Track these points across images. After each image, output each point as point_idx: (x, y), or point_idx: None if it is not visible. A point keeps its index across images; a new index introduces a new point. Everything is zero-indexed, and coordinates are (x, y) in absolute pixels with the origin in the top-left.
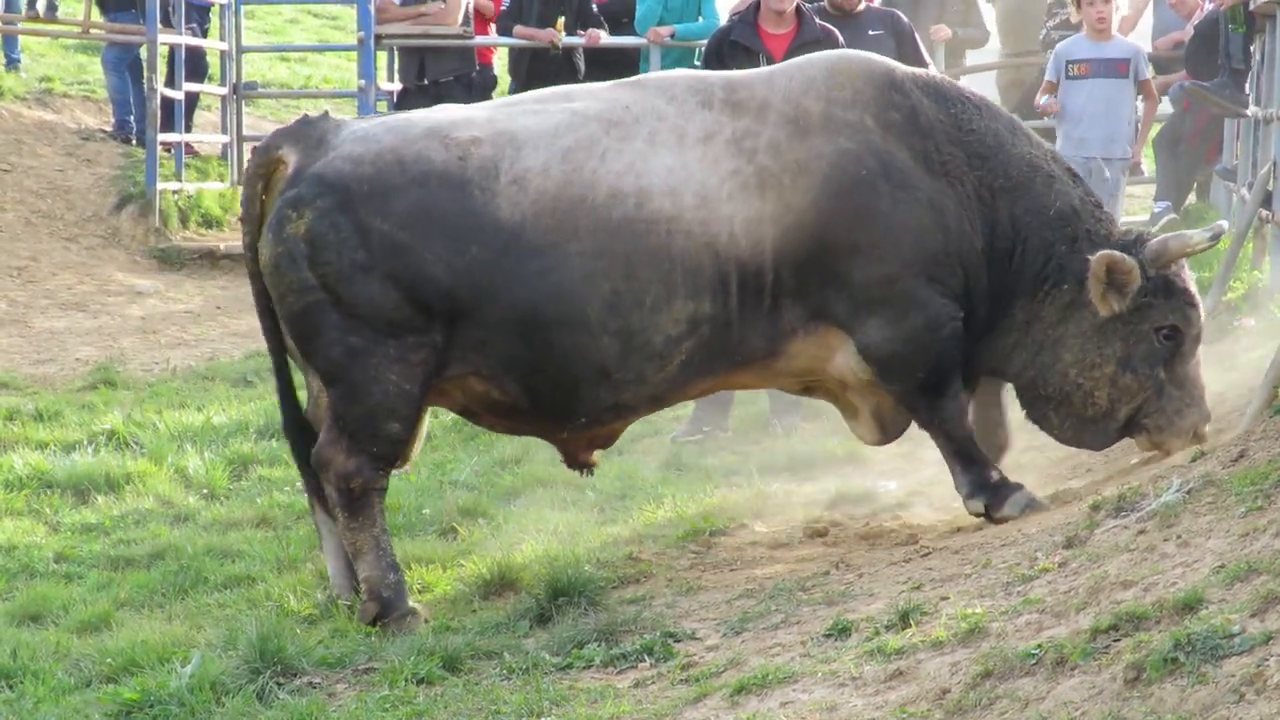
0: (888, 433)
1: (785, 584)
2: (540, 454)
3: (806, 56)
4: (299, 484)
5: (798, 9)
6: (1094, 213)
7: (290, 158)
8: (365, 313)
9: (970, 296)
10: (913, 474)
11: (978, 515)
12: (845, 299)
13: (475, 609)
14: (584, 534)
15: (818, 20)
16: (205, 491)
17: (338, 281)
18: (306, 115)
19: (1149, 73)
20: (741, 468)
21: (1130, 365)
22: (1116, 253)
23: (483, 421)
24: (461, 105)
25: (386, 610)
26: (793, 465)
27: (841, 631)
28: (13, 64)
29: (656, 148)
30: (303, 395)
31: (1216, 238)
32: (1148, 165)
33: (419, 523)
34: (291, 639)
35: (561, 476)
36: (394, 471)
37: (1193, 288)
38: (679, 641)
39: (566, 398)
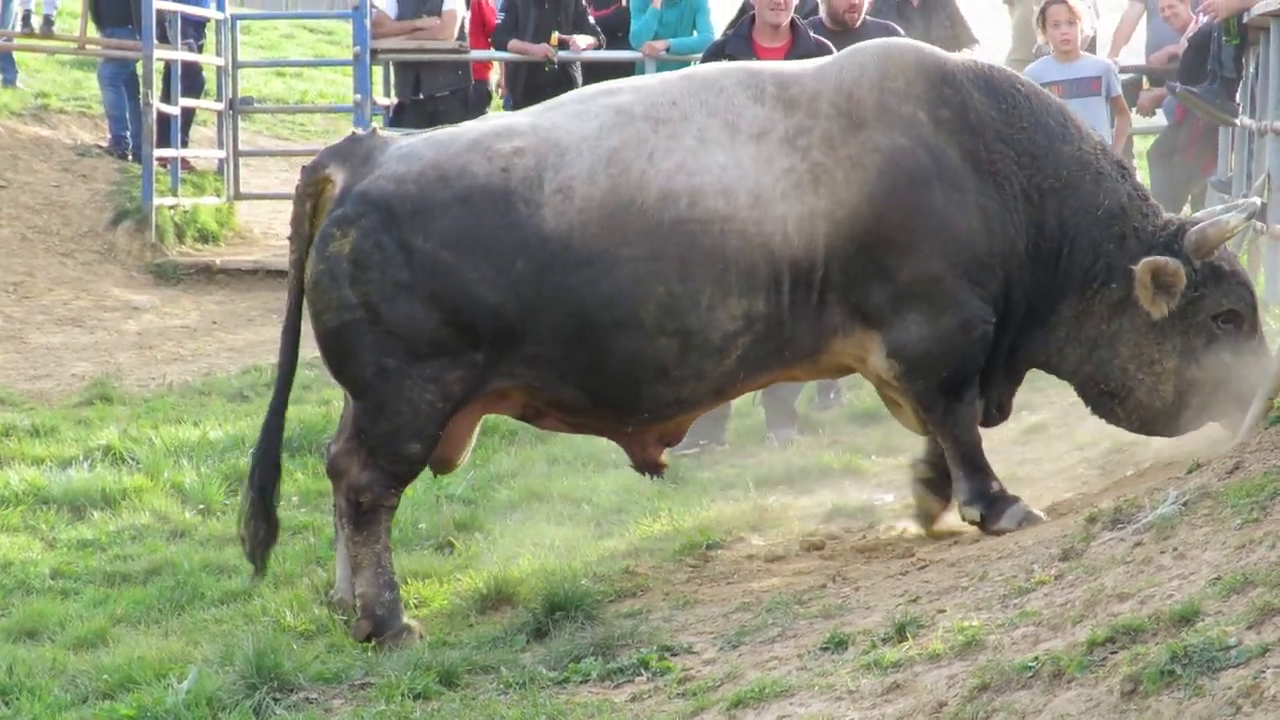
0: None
1: (782, 597)
2: (537, 468)
3: (856, 45)
4: (294, 499)
5: (792, 23)
6: (1141, 208)
7: (338, 176)
8: (404, 333)
9: (1009, 297)
10: (910, 487)
11: (972, 523)
12: (888, 292)
13: (472, 623)
14: (580, 548)
15: (812, 34)
16: (201, 507)
17: (380, 301)
18: (355, 133)
19: (1118, 88)
20: (738, 481)
21: (1194, 357)
22: (1160, 258)
23: (546, 423)
24: (504, 114)
25: (379, 628)
26: (789, 478)
27: (838, 645)
28: (9, 80)
29: (708, 145)
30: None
31: (1251, 215)
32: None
33: (415, 537)
34: (288, 654)
35: (558, 490)
36: (444, 476)
37: (1239, 266)
38: (676, 655)
39: (628, 396)
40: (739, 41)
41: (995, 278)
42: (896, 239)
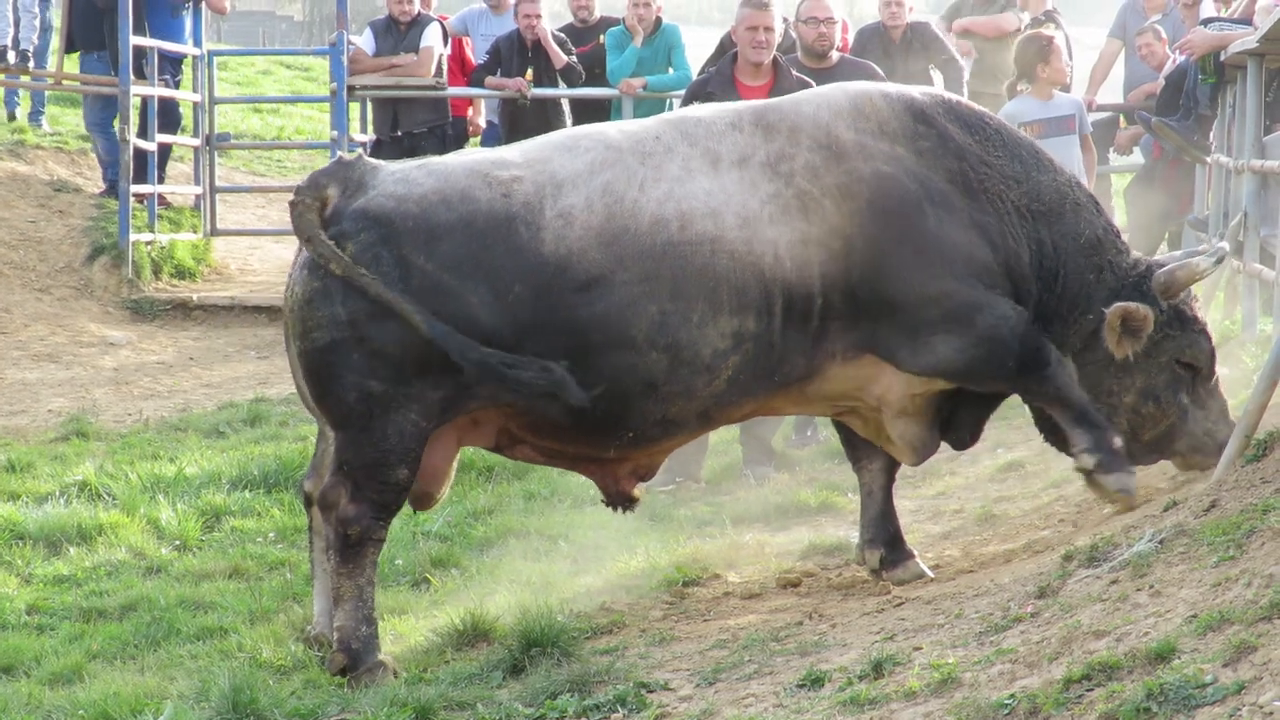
0: (920, 454)
1: (758, 634)
2: (513, 505)
3: (826, 86)
4: (271, 535)
5: (774, 61)
6: (1115, 243)
7: (334, 195)
8: (393, 352)
9: (1023, 304)
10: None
11: (1082, 471)
12: (903, 326)
13: (448, 659)
14: (557, 585)
15: (794, 72)
16: (178, 543)
17: (369, 319)
18: (343, 157)
19: (1088, 127)
20: (715, 518)
21: (1152, 395)
22: (1132, 304)
23: (519, 452)
24: (491, 148)
25: (354, 662)
26: (766, 516)
27: (815, 682)
28: (11, 110)
29: (692, 173)
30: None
31: (1221, 260)
32: None
33: (392, 573)
34: (264, 690)
35: (534, 527)
36: (423, 513)
37: (1200, 313)
38: (652, 692)
39: (615, 413)
40: (721, 80)
41: (1006, 285)
42: (894, 264)
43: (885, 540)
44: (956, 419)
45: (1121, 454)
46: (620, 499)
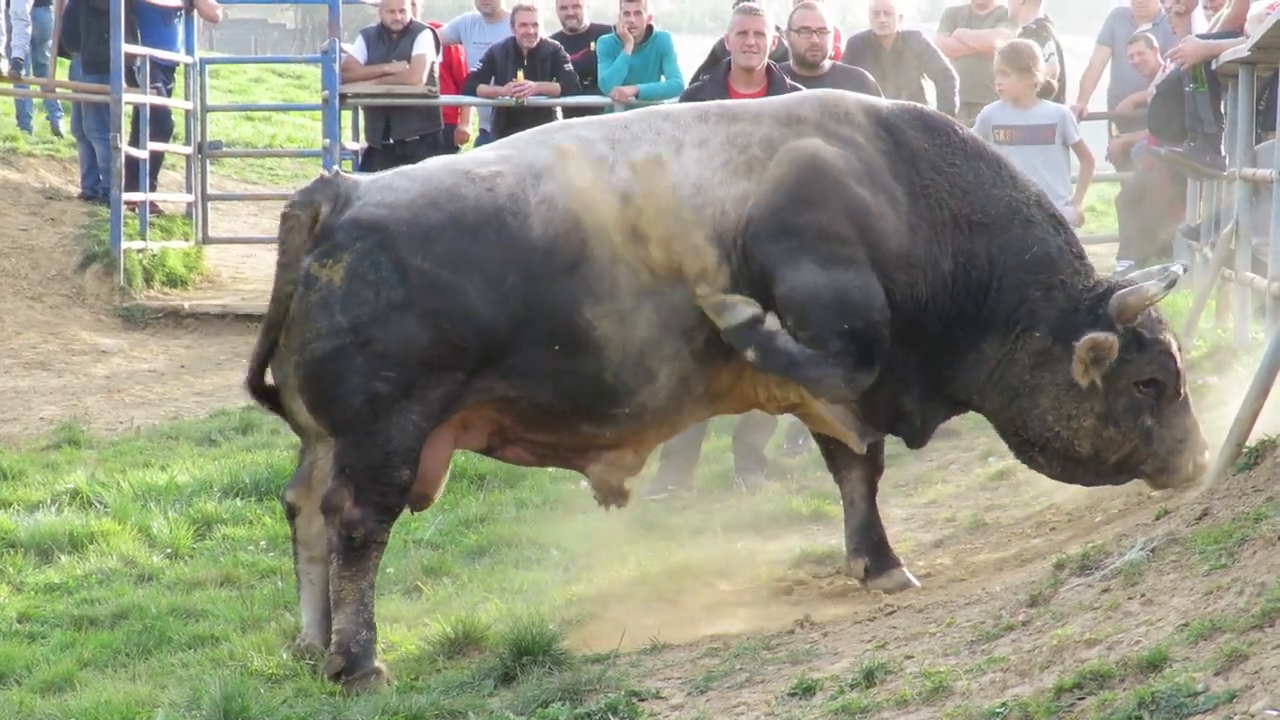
0: (866, 431)
1: (750, 643)
2: (505, 513)
3: (798, 93)
4: (263, 543)
5: (768, 68)
6: (1072, 263)
7: (324, 210)
8: (397, 352)
9: (922, 309)
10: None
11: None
12: (788, 244)
13: (440, 668)
14: (548, 593)
15: (787, 80)
16: (169, 551)
17: (372, 322)
18: (324, 175)
19: (1077, 135)
20: (706, 526)
21: (1112, 419)
22: (1100, 334)
23: (511, 452)
24: (471, 152)
25: (352, 666)
26: (757, 524)
27: (806, 690)
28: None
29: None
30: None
31: (1172, 284)
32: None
33: (383, 582)
34: (255, 699)
35: (526, 535)
36: (415, 518)
37: (1162, 334)
38: (643, 700)
39: (604, 390)
40: (714, 87)
41: (909, 283)
42: (811, 199)
43: (869, 549)
44: (903, 408)
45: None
46: (612, 493)
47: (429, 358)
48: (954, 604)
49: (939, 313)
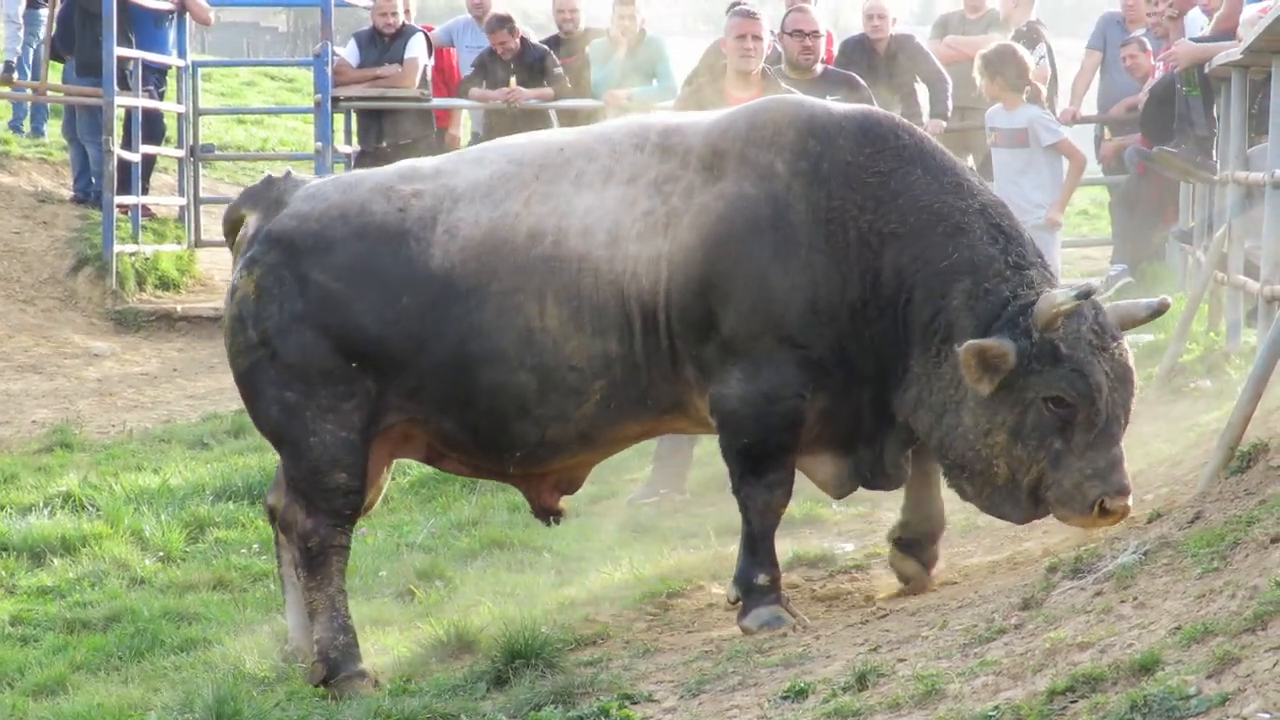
0: (836, 490)
1: (742, 646)
2: (497, 516)
3: (745, 103)
4: (255, 546)
5: (763, 71)
6: (1002, 272)
7: (251, 219)
8: (297, 363)
9: (844, 345)
10: (870, 536)
11: (729, 601)
12: (717, 344)
13: (432, 671)
14: (541, 596)
15: (783, 83)
16: (161, 554)
17: (275, 334)
18: (269, 176)
19: (1053, 137)
20: (699, 530)
21: (1020, 435)
22: (986, 341)
23: (448, 465)
24: (416, 160)
25: (333, 672)
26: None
27: (799, 693)
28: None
29: (581, 189)
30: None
31: (1085, 295)
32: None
33: (376, 585)
34: (248, 702)
35: (518, 538)
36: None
37: (1084, 355)
38: (636, 703)
39: (498, 432)
40: (712, 89)
41: (821, 335)
42: (722, 287)
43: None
44: (876, 461)
45: (761, 589)
46: (544, 512)
47: (327, 369)
48: (946, 607)
49: (862, 346)
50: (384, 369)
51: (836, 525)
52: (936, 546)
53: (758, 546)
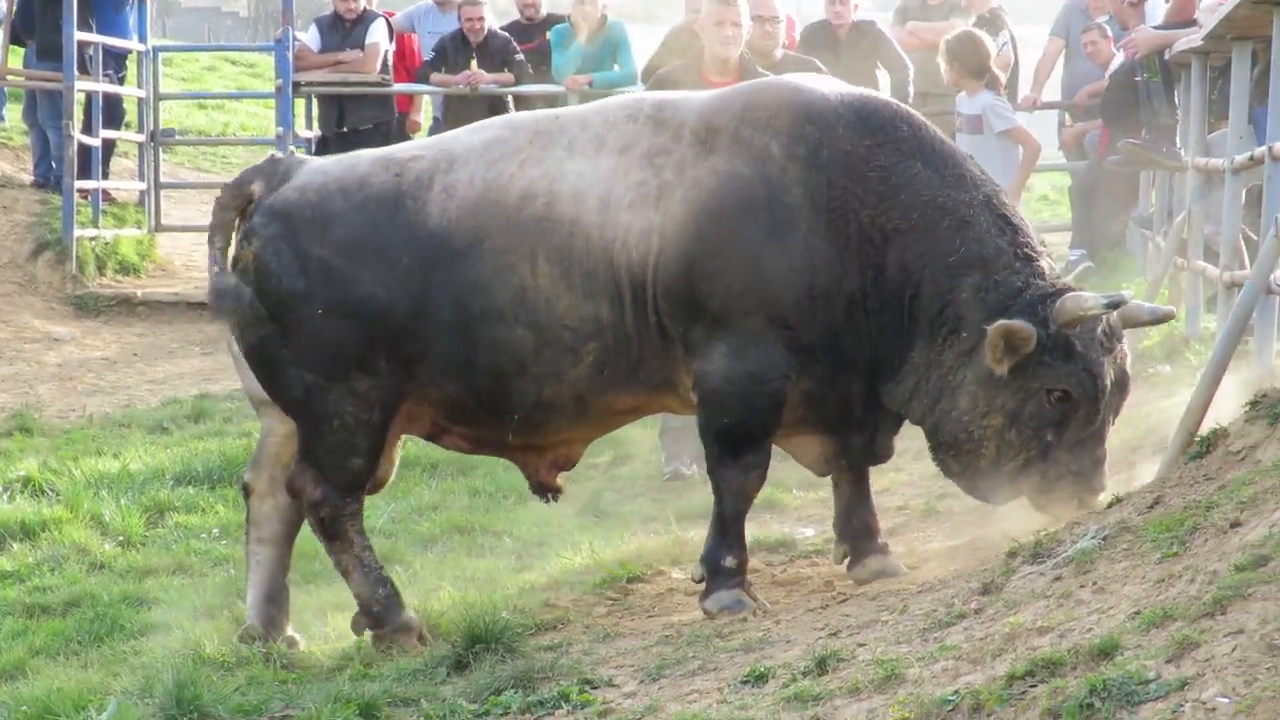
0: (820, 468)
1: (702, 630)
2: (458, 501)
3: (738, 84)
4: (215, 531)
5: (741, 57)
6: (1011, 264)
7: (259, 191)
8: (310, 344)
9: (837, 334)
10: (830, 521)
11: (692, 580)
12: (705, 323)
13: (392, 656)
14: (501, 581)
15: (758, 68)
16: (121, 539)
17: (283, 313)
18: (274, 155)
19: (1005, 124)
20: (659, 514)
21: (1017, 421)
22: (1015, 322)
23: (449, 443)
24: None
25: (378, 624)
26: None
27: (759, 678)
28: None
29: (574, 155)
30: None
31: (1114, 306)
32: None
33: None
34: (208, 686)
35: (479, 523)
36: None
37: (1097, 356)
38: (596, 688)
39: (498, 392)
40: (686, 74)
41: (814, 321)
42: (712, 265)
43: (850, 536)
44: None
45: (727, 572)
46: (543, 489)
47: (342, 350)
48: (906, 592)
49: (859, 337)
50: (394, 339)
51: (797, 510)
52: (873, 532)
53: (728, 528)
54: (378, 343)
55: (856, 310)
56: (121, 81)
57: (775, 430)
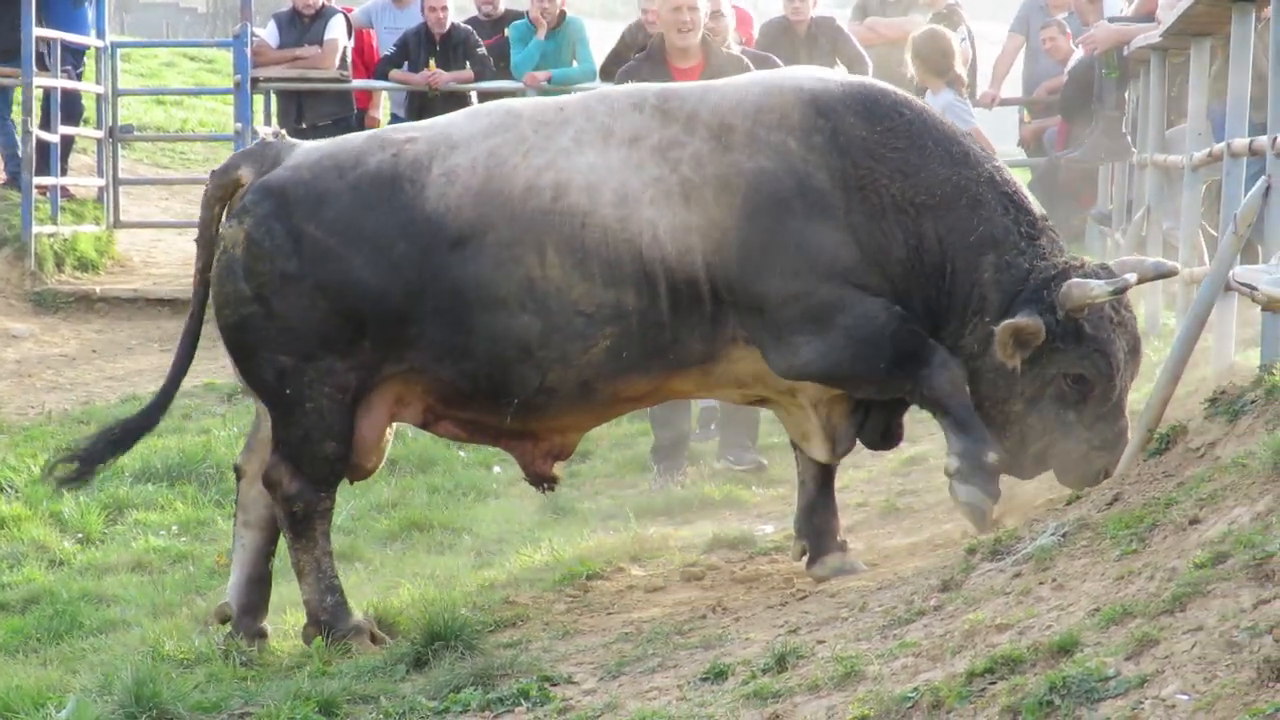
0: (839, 447)
1: (662, 628)
2: (417, 498)
3: (742, 76)
4: (174, 528)
5: (704, 40)
6: (1018, 244)
7: (247, 177)
8: (295, 325)
9: (901, 300)
10: (790, 518)
11: (947, 474)
12: (769, 325)
13: (352, 653)
14: (460, 578)
15: (725, 51)
16: (80, 536)
17: (271, 293)
18: (265, 139)
19: (964, 125)
20: (618, 512)
21: (1038, 407)
22: (1023, 321)
23: (443, 430)
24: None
25: (326, 633)
26: (669, 509)
27: (718, 675)
28: None
29: (581, 146)
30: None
31: (1119, 293)
32: None
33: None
34: (167, 684)
35: (438, 520)
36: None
37: (1107, 334)
38: (556, 685)
39: (498, 377)
40: (651, 64)
41: (877, 281)
42: (760, 263)
43: (810, 533)
44: (868, 419)
45: (987, 470)
46: (539, 478)
47: (326, 332)
48: (866, 589)
49: (921, 301)
50: (384, 325)
51: (756, 507)
52: (833, 531)
53: (968, 421)
54: (367, 326)
55: (910, 281)
56: (80, 77)
57: (923, 332)
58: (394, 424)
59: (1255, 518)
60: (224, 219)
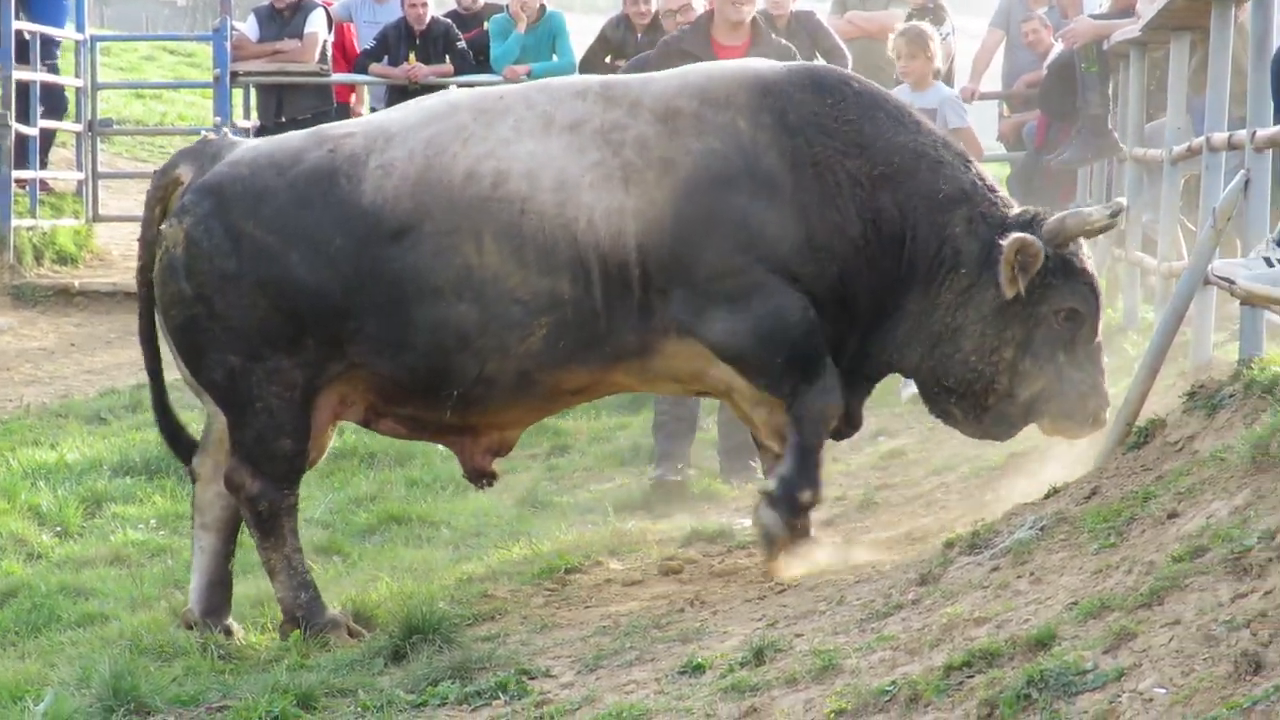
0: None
1: (640, 621)
2: (395, 491)
3: (685, 66)
4: (152, 522)
5: (754, 21)
6: (988, 195)
7: (187, 176)
8: (238, 325)
9: (845, 283)
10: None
11: (760, 492)
12: (692, 294)
13: (330, 646)
14: (438, 571)
15: (773, 36)
16: (58, 529)
17: (213, 293)
18: (206, 136)
19: (960, 122)
20: (597, 505)
21: (1030, 349)
22: (1027, 235)
23: (384, 427)
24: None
25: (303, 629)
26: (647, 503)
27: (696, 669)
28: None
29: (521, 134)
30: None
31: (1116, 215)
32: None
33: None
34: (145, 677)
35: (416, 514)
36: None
37: (1091, 268)
38: (533, 679)
39: (437, 369)
40: (697, 38)
41: (821, 266)
42: (695, 238)
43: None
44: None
45: (797, 504)
46: (477, 474)
47: (269, 330)
48: (844, 582)
49: (864, 285)
50: (324, 321)
51: (734, 500)
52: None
53: (806, 460)
54: (307, 323)
55: (861, 259)
56: (57, 70)
57: (825, 351)
58: (337, 421)
59: (1233, 511)
60: (165, 219)
